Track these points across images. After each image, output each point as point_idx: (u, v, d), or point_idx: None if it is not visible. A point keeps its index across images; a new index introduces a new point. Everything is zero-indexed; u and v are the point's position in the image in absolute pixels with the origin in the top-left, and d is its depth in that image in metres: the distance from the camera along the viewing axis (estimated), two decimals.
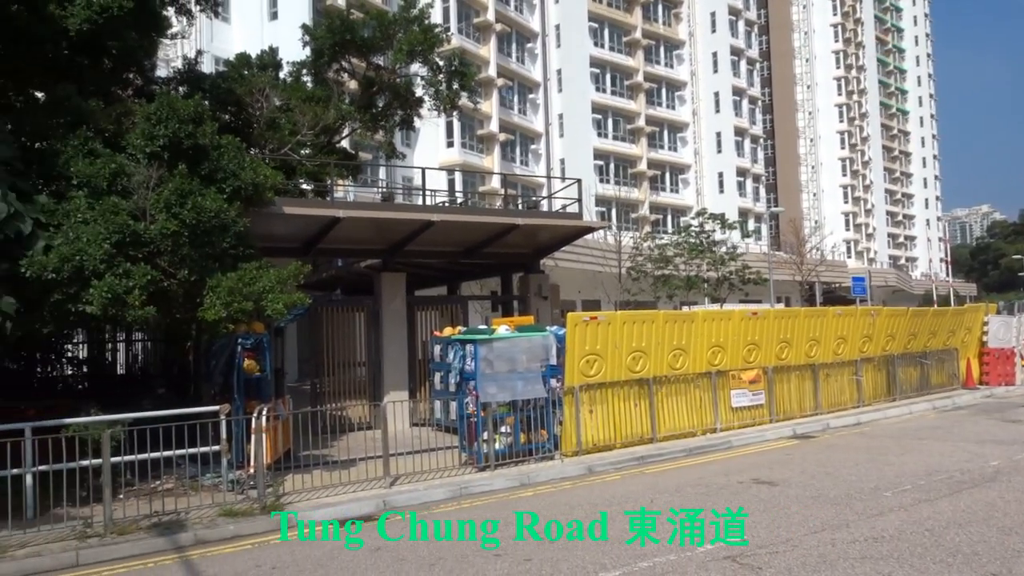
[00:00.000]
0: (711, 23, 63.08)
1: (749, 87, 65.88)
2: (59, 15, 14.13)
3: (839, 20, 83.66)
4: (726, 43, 62.63)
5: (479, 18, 47.14)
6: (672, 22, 62.11)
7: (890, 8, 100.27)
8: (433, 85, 22.00)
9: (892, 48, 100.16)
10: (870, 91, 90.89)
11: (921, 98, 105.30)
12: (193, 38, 31.44)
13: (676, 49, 62.37)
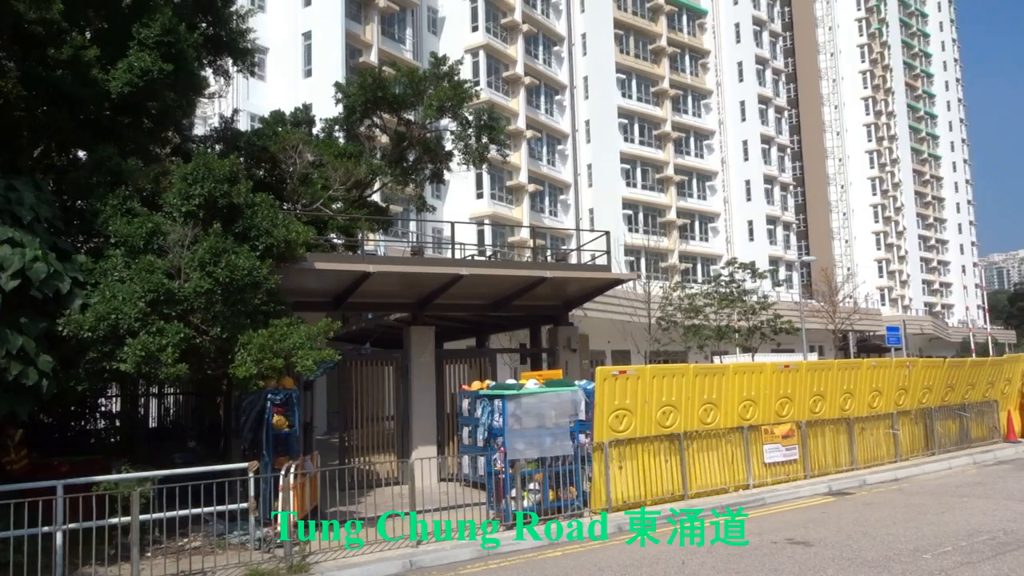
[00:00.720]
0: (738, 72, 63.57)
1: (778, 135, 65.99)
2: (102, 79, 14.66)
3: (867, 67, 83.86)
4: (754, 92, 62.97)
5: (508, 72, 47.99)
6: (699, 72, 62.70)
7: (919, 54, 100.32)
8: (463, 139, 22.37)
9: (922, 93, 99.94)
10: (901, 136, 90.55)
11: (953, 143, 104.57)
12: (230, 96, 32.37)
13: (704, 99, 62.84)
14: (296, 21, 39.00)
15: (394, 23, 42.90)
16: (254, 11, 23.26)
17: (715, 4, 64.09)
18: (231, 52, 19.33)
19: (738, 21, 63.82)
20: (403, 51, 42.49)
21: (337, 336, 18.68)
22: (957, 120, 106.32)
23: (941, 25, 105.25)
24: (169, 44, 14.88)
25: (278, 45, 38.74)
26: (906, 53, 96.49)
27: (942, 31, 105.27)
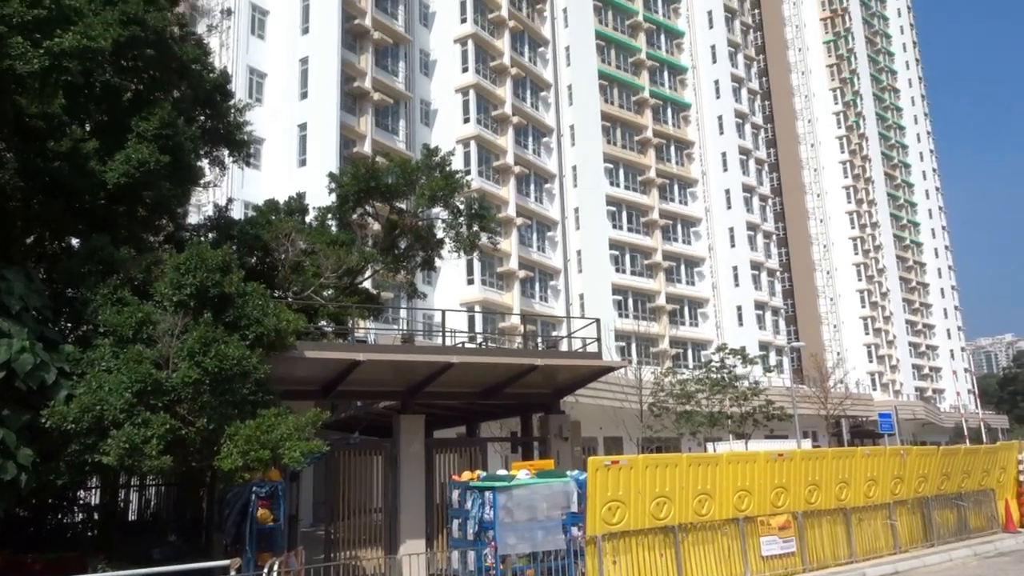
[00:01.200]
0: (723, 162, 65.13)
1: (763, 221, 67.18)
2: (99, 170, 14.88)
3: (847, 157, 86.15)
4: (738, 181, 64.40)
5: (499, 161, 49.03)
6: (685, 161, 64.23)
7: (896, 145, 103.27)
8: (454, 228, 22.65)
9: (901, 182, 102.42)
10: (883, 223, 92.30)
11: (933, 230, 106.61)
12: (225, 185, 32.79)
13: (689, 187, 64.17)
14: (292, 112, 39.98)
15: (388, 115, 44.01)
16: (252, 104, 23.84)
17: (698, 97, 66.20)
18: (228, 144, 19.71)
19: (721, 114, 65.81)
20: (396, 142, 43.45)
21: (325, 424, 18.43)
22: (936, 208, 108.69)
23: (916, 119, 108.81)
24: (167, 137, 15.18)
25: (274, 135, 39.59)
26: (883, 144, 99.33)
27: (916, 124, 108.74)
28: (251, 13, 40.57)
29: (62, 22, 12.61)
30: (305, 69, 40.36)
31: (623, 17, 61.70)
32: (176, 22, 17.92)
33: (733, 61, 66.90)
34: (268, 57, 41.07)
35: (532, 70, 53.93)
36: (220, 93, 19.27)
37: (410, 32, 46.14)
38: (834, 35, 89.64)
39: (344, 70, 40.40)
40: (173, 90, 17.93)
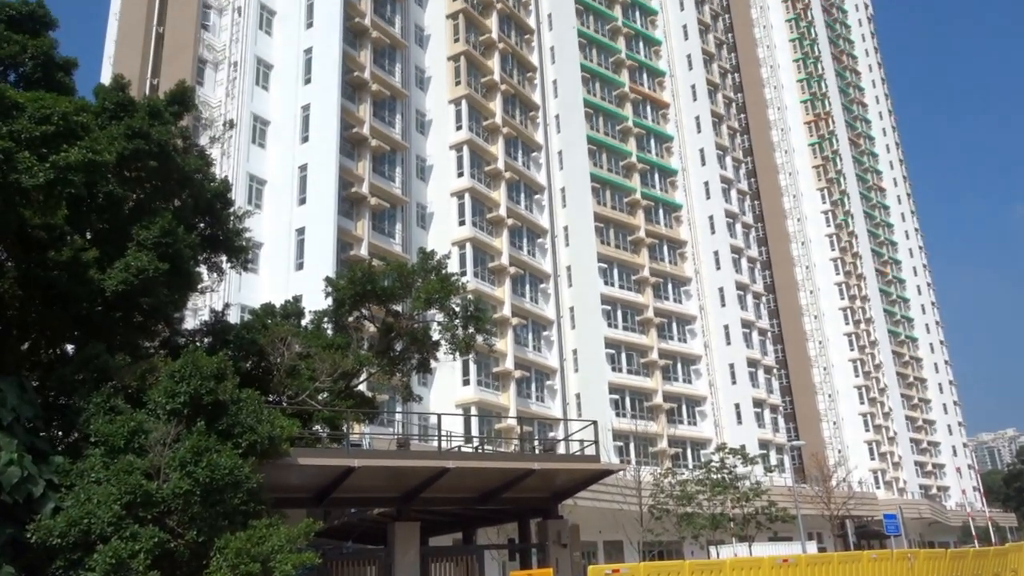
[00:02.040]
0: (715, 261, 65.96)
1: (758, 319, 67.46)
2: (98, 278, 15.03)
3: (838, 255, 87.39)
4: (731, 279, 65.07)
5: (494, 262, 49.61)
6: (678, 260, 65.04)
7: (885, 242, 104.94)
8: (449, 330, 22.73)
9: (892, 278, 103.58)
10: (876, 319, 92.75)
11: (928, 325, 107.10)
12: (222, 289, 33.08)
13: (684, 285, 64.73)
14: (291, 217, 40.70)
15: (384, 219, 44.81)
16: (251, 211, 24.31)
17: (689, 198, 67.66)
18: (226, 250, 19.99)
19: (711, 214, 67.13)
20: (393, 245, 44.08)
21: (318, 532, 17.97)
22: (929, 303, 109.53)
23: (903, 216, 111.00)
24: (167, 245, 15.42)
25: (272, 240, 40.17)
26: (873, 241, 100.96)
27: (904, 221, 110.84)
28: (252, 123, 41.87)
29: (69, 137, 13.02)
30: (304, 175, 41.35)
31: (614, 123, 63.69)
32: (180, 134, 18.48)
33: (722, 163, 68.70)
34: (268, 164, 42.15)
35: (526, 173, 55.30)
36: (220, 201, 19.69)
37: (407, 139, 47.52)
38: (819, 137, 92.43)
39: (342, 175, 41.38)
40: (174, 199, 18.34)
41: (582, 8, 63.60)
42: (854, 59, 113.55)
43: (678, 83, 69.82)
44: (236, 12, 43.54)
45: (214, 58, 42.36)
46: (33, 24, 16.63)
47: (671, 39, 70.74)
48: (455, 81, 50.89)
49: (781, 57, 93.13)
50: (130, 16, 44.24)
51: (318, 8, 44.17)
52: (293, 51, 44.03)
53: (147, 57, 41.82)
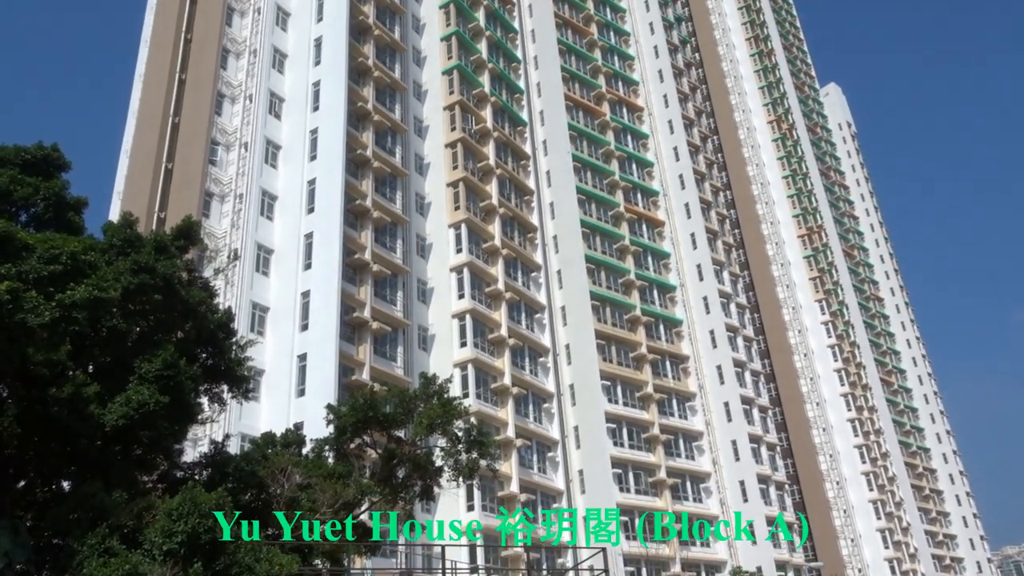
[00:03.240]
0: (719, 376, 65.62)
1: (765, 433, 66.41)
2: (98, 413, 14.95)
3: (841, 365, 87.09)
4: (736, 393, 64.49)
5: (496, 383, 49.34)
6: (681, 376, 64.68)
7: (888, 352, 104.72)
8: (452, 455, 22.41)
9: (899, 388, 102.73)
10: (886, 431, 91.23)
11: (939, 434, 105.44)
12: (223, 417, 32.76)
13: (688, 401, 64.10)
14: (292, 344, 40.81)
15: (386, 343, 44.92)
16: (254, 340, 24.43)
17: (689, 313, 68.05)
18: (228, 379, 19.99)
19: (712, 328, 67.35)
20: (395, 368, 43.98)
21: None
22: (937, 412, 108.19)
23: (903, 325, 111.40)
24: (168, 377, 15.43)
25: (273, 366, 40.15)
26: (876, 351, 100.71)
27: (905, 330, 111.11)
28: (256, 252, 42.67)
29: (77, 275, 13.27)
30: (307, 302, 41.77)
31: (611, 241, 64.86)
32: (185, 267, 18.85)
33: (719, 278, 69.50)
34: (271, 291, 42.66)
35: (526, 293, 55.85)
36: (223, 331, 19.84)
37: (408, 263, 48.29)
38: (812, 250, 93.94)
39: (344, 300, 41.80)
40: (178, 330, 18.49)
41: (575, 134, 66.03)
42: (841, 174, 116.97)
43: (672, 202, 71.57)
44: (243, 147, 45.20)
45: (220, 191, 43.66)
46: (47, 167, 17.29)
47: (663, 160, 73.07)
48: (454, 206, 52.24)
49: (771, 174, 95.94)
50: (141, 153, 45.93)
51: (321, 141, 45.88)
52: (297, 182, 45.42)
53: (155, 191, 43.14)
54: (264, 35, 49.05)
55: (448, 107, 55.51)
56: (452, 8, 59.14)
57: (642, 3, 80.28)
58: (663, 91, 75.74)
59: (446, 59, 57.54)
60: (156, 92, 47.74)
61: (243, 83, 47.58)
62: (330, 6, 50.18)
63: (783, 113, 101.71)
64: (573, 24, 72.35)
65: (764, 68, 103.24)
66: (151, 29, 52.39)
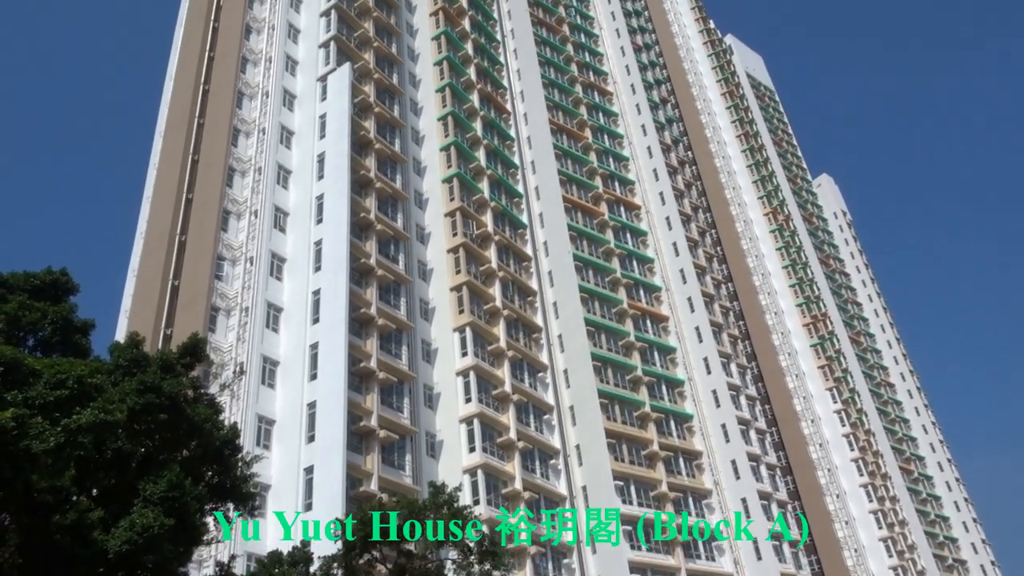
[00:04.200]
0: (734, 471, 64.27)
1: (787, 531, 64.58)
2: (102, 539, 14.66)
3: (858, 455, 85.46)
4: (753, 488, 62.95)
5: (507, 488, 48.32)
6: (695, 473, 63.41)
7: (904, 438, 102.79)
8: (465, 568, 21.78)
9: (919, 476, 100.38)
10: (911, 521, 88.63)
11: (965, 523, 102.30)
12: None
13: (704, 499, 62.62)
14: (299, 457, 40.23)
15: (394, 451, 44.31)
16: (260, 456, 24.18)
17: (699, 408, 67.23)
18: (234, 498, 19.67)
19: (724, 422, 66.37)
20: (403, 476, 43.24)
21: None
22: (962, 499, 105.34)
23: (917, 410, 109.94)
24: (173, 499, 15.21)
25: (279, 480, 39.47)
26: (891, 438, 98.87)
27: (919, 415, 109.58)
28: (262, 365, 42.68)
29: (83, 399, 13.28)
30: (312, 413, 41.45)
31: (616, 338, 64.82)
32: (190, 385, 18.86)
33: (727, 371, 69.04)
34: (277, 404, 42.42)
35: (533, 395, 55.42)
36: (229, 447, 19.66)
37: (413, 369, 48.22)
38: (819, 338, 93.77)
39: (351, 410, 41.47)
40: (183, 449, 18.34)
41: (575, 234, 67.00)
42: (840, 262, 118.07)
43: (674, 296, 71.91)
44: (248, 261, 45.94)
45: (226, 305, 44.09)
46: (56, 291, 17.58)
47: (663, 256, 73.89)
48: (459, 310, 52.58)
49: (771, 265, 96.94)
50: (148, 271, 46.66)
51: (325, 252, 46.62)
52: (302, 293, 45.91)
53: (162, 308, 43.58)
54: (269, 153, 50.68)
55: (449, 213, 56.68)
56: (450, 120, 61.25)
57: (633, 107, 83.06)
58: (659, 189, 77.39)
59: (446, 168, 59.16)
60: (163, 211, 48.97)
61: (248, 200, 48.82)
62: (332, 124, 51.98)
63: (778, 205, 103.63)
64: (568, 130, 74.65)
65: (756, 163, 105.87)
66: (159, 152, 54.20)
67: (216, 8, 58.22)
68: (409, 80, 64.37)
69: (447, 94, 62.76)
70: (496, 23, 78.01)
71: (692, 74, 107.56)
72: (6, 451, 12.16)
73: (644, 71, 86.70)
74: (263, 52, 56.82)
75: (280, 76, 55.01)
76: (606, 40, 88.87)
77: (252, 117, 53.03)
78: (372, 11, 61.61)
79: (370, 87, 56.71)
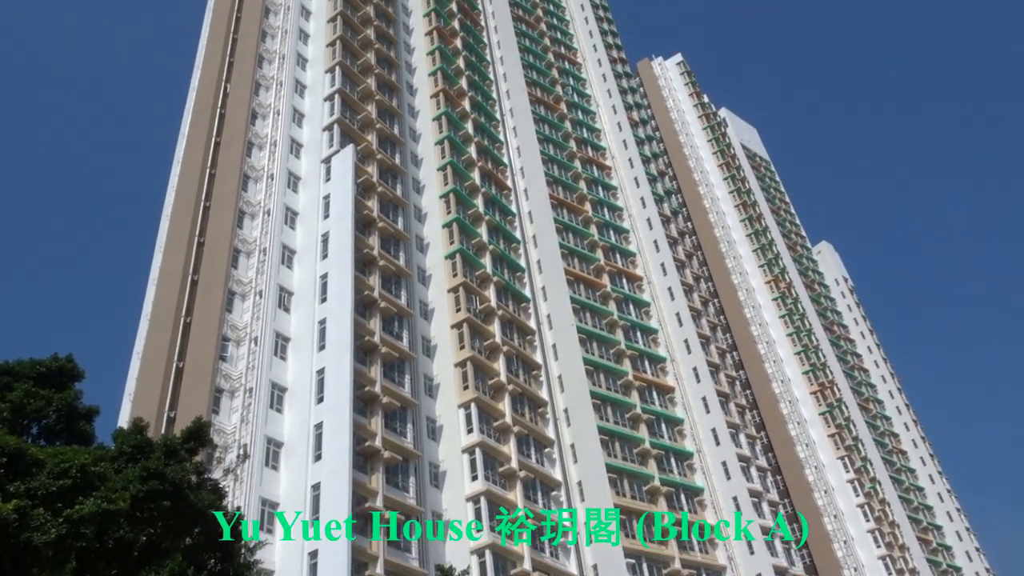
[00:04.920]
0: (749, 548, 62.76)
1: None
2: None
3: (874, 525, 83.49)
4: (768, 563, 61.41)
5: (516, 569, 46.95)
6: (708, 548, 61.95)
7: (920, 507, 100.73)
8: None
9: (938, 547, 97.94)
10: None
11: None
12: None
13: (720, 575, 61.00)
14: (303, 545, 39.22)
15: (400, 534, 43.31)
16: (264, 542, 23.72)
17: (710, 480, 66.04)
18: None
19: (735, 495, 65.08)
20: (409, 559, 42.12)
21: None
22: (983, 570, 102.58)
23: (931, 478, 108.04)
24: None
25: (283, 566, 38.48)
26: (907, 507, 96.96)
27: (934, 483, 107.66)
28: (266, 446, 42.23)
29: (86, 488, 13.13)
30: (317, 494, 40.79)
31: (622, 411, 64.19)
32: (194, 470, 18.65)
33: (736, 441, 68.07)
34: (281, 486, 41.80)
35: (540, 471, 54.57)
36: (233, 534, 19.29)
37: (418, 447, 47.72)
38: (827, 406, 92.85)
39: (356, 490, 40.82)
40: (186, 537, 18.01)
41: (578, 307, 67.02)
42: (845, 328, 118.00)
43: (680, 367, 71.49)
44: (253, 341, 45.97)
45: (230, 386, 43.92)
46: (61, 378, 17.57)
47: (666, 326, 73.72)
48: (463, 386, 52.31)
49: (775, 333, 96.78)
50: (152, 353, 46.63)
51: (330, 330, 46.67)
52: (306, 373, 45.79)
53: (166, 391, 43.40)
54: (273, 234, 51.26)
55: (452, 289, 56.93)
56: (452, 197, 62.16)
57: (632, 181, 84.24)
58: (660, 260, 77.83)
59: (448, 244, 59.70)
60: (168, 293, 49.24)
61: (253, 280, 49.16)
62: (336, 204, 52.71)
63: (779, 272, 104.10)
64: (568, 204, 75.60)
65: (755, 231, 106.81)
66: (164, 234, 54.87)
67: (223, 96, 59.77)
68: (411, 159, 65.62)
69: (448, 172, 63.85)
70: (495, 102, 79.94)
71: (688, 147, 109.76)
72: (7, 544, 11.96)
73: (641, 145, 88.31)
74: (268, 136, 58.09)
75: (285, 159, 56.13)
76: (603, 116, 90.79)
77: (257, 199, 53.91)
78: (375, 95, 63.26)
79: (373, 167, 57.78)
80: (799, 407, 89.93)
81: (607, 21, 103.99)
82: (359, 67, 64.44)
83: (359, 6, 69.75)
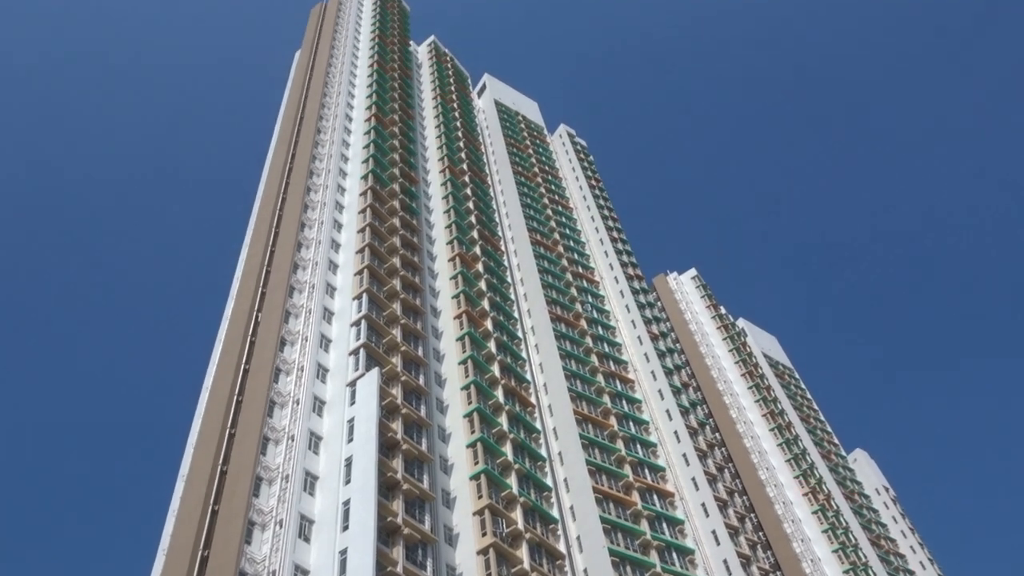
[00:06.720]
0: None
1: None
2: None
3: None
4: None
5: None
6: None
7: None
8: None
9: None
10: None
11: None
12: None
13: None
14: None
15: None
16: None
17: None
18: None
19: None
20: None
21: None
22: None
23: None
24: None
25: None
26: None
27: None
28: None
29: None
30: None
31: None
32: None
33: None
34: None
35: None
36: None
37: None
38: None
39: None
40: None
41: (609, 527, 63.99)
42: (892, 541, 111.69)
43: None
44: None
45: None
46: None
47: (703, 546, 70.11)
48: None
49: (819, 550, 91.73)
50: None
51: (351, 564, 44.80)
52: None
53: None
54: (297, 460, 50.75)
55: (477, 512, 54.89)
56: (476, 416, 61.78)
57: (656, 393, 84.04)
58: (691, 474, 75.68)
59: (472, 464, 58.32)
60: (187, 527, 48.01)
61: (274, 508, 48.09)
62: (360, 427, 52.21)
63: (816, 483, 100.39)
64: (593, 419, 74.89)
65: (786, 441, 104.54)
66: (188, 464, 54.47)
67: (254, 324, 61.76)
68: (435, 379, 66.20)
69: (472, 391, 64.07)
70: (517, 321, 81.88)
71: (710, 357, 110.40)
72: None
73: (663, 357, 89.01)
74: (295, 361, 59.21)
75: (311, 383, 56.88)
76: (623, 331, 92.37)
77: (282, 425, 54.03)
78: (400, 319, 65.14)
79: (397, 389, 58.24)
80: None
81: (621, 241, 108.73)
82: (385, 293, 66.92)
83: (386, 237, 73.75)
